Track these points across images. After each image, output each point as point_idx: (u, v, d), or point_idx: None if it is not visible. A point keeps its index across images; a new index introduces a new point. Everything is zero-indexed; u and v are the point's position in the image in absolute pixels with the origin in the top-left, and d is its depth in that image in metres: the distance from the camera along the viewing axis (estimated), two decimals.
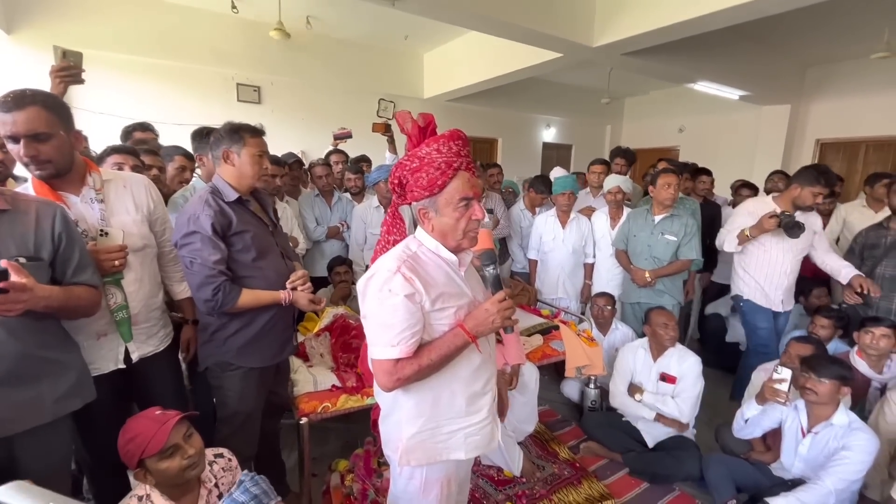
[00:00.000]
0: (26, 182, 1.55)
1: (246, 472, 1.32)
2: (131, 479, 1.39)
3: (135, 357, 1.61)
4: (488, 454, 2.27)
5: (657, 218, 2.90)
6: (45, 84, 3.89)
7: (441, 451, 1.22)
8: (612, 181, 3.24)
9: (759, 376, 2.42)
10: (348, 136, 3.83)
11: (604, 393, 2.78)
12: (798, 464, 2.02)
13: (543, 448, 2.51)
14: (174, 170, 2.38)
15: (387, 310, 1.08)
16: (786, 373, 2.02)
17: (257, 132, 1.67)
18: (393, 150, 3.75)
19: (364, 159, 3.88)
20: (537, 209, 3.64)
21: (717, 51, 4.85)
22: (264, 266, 1.65)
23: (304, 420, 1.92)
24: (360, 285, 1.15)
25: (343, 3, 4.54)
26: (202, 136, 2.22)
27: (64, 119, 1.36)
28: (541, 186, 3.55)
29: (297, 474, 2.12)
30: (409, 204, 1.20)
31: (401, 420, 1.22)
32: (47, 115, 1.30)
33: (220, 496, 1.38)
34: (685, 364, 2.40)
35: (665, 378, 2.43)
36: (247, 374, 1.70)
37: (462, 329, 1.12)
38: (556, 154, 8.66)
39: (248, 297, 1.61)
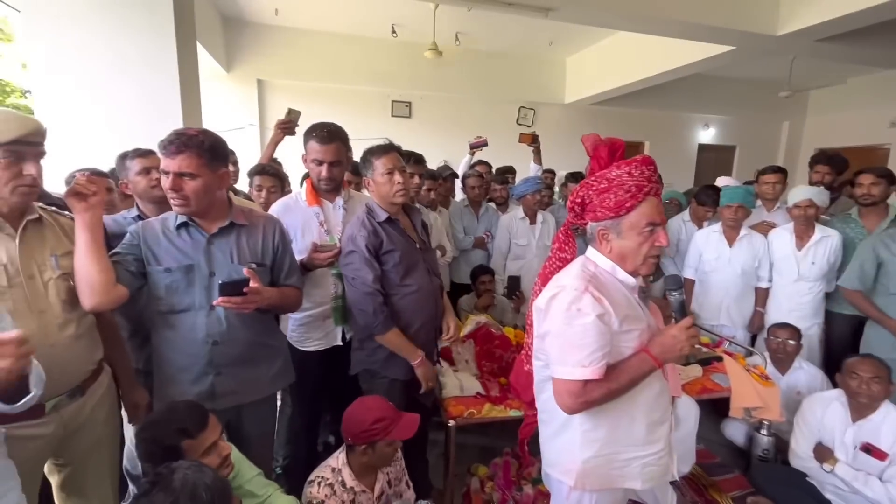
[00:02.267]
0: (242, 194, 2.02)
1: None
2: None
3: (349, 337, 1.93)
4: (639, 491, 2.11)
5: None
6: (249, 108, 4.76)
7: (616, 478, 1.20)
8: (802, 193, 2.73)
9: None
10: (484, 144, 3.89)
11: (779, 442, 2.37)
12: None
13: (700, 494, 2.24)
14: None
15: (577, 330, 1.09)
16: None
17: (383, 150, 1.74)
18: (538, 160, 3.73)
19: (510, 170, 3.93)
20: (705, 223, 3.26)
21: None
22: (411, 283, 1.75)
23: (452, 423, 2.03)
24: (541, 304, 1.18)
25: (491, 17, 4.66)
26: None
27: (349, 150, 1.91)
28: (705, 198, 3.18)
29: (439, 473, 2.24)
30: (586, 223, 1.21)
31: (574, 441, 1.21)
32: (342, 148, 1.84)
33: (389, 483, 1.57)
34: None
35: (870, 450, 1.96)
36: (392, 383, 1.81)
37: (648, 354, 1.10)
38: (715, 157, 7.68)
39: (394, 338, 1.72)
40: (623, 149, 1.22)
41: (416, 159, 2.53)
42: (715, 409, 2.67)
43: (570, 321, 1.09)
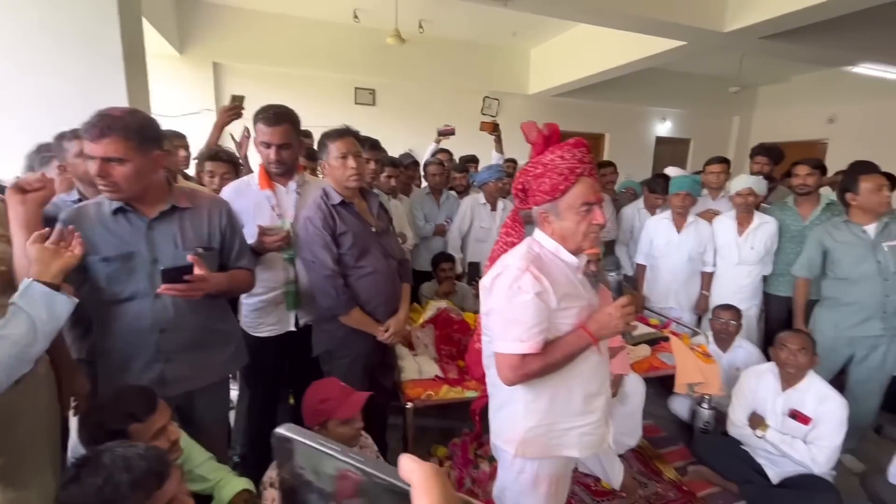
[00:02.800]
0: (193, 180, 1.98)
1: None
2: None
3: (301, 322, 1.93)
4: (586, 462, 2.22)
5: (870, 229, 2.35)
6: (205, 92, 4.55)
7: (555, 446, 1.27)
8: (743, 182, 2.91)
9: None
10: (452, 132, 3.92)
11: (719, 415, 2.54)
12: None
13: (646, 465, 2.38)
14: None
15: (516, 306, 1.14)
16: None
17: (339, 135, 1.76)
18: (500, 149, 3.78)
19: (472, 159, 3.97)
20: (658, 211, 3.41)
21: (885, 25, 4.05)
22: (365, 264, 1.78)
23: (409, 405, 2.07)
24: (486, 282, 1.23)
25: (454, 5, 4.65)
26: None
27: (300, 133, 1.88)
28: (655, 186, 3.32)
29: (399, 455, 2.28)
30: (531, 208, 1.26)
31: (517, 413, 1.28)
32: (292, 130, 1.80)
33: None
34: (826, 405, 2.06)
35: (796, 416, 2.13)
36: (352, 362, 1.85)
37: (585, 331, 1.17)
38: (671, 150, 7.98)
39: (357, 315, 1.77)
40: (558, 134, 1.26)
41: (372, 144, 2.52)
42: (663, 386, 2.82)
43: (511, 299, 1.14)
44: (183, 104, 4.99)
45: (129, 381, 1.39)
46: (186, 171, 2.61)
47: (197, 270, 1.32)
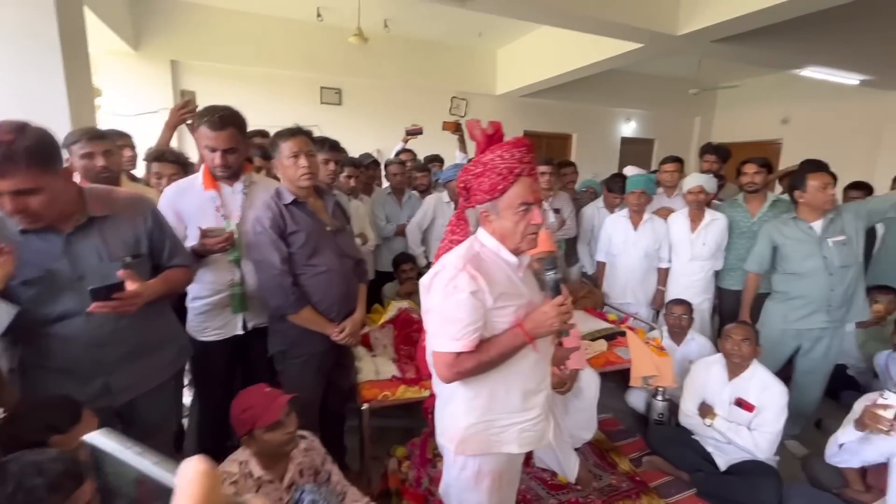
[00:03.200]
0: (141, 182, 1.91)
1: (307, 485, 1.45)
2: None
3: (250, 325, 1.89)
4: (542, 457, 2.25)
5: (816, 225, 2.42)
6: (164, 93, 4.41)
7: (495, 443, 1.28)
8: (694, 180, 3.01)
9: (860, 405, 2.14)
10: (419, 132, 3.95)
11: (672, 406, 2.61)
12: None
13: (602, 457, 2.43)
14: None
15: (451, 305, 1.15)
16: (893, 398, 1.77)
17: (291, 134, 1.73)
18: (463, 148, 3.80)
19: (437, 159, 3.98)
20: (616, 210, 3.48)
21: (830, 30, 4.26)
22: (318, 263, 1.76)
23: (365, 406, 2.05)
24: (426, 280, 1.23)
25: (418, 5, 4.66)
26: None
27: (245, 136, 1.81)
28: (613, 185, 3.39)
29: (359, 456, 2.26)
30: (474, 207, 1.26)
31: (458, 411, 1.28)
32: (237, 134, 1.74)
33: (301, 472, 1.53)
34: (768, 392, 2.15)
35: (741, 404, 2.22)
36: (305, 362, 1.83)
37: (521, 329, 1.17)
38: (636, 150, 8.18)
39: (308, 315, 1.76)
40: (500, 132, 1.26)
41: (332, 145, 2.49)
42: (624, 379, 2.89)
43: (447, 297, 1.15)
44: (139, 103, 4.83)
45: (67, 393, 1.33)
46: (133, 171, 2.52)
47: (129, 285, 1.25)
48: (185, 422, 2.30)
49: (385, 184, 3.57)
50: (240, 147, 1.78)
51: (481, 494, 1.31)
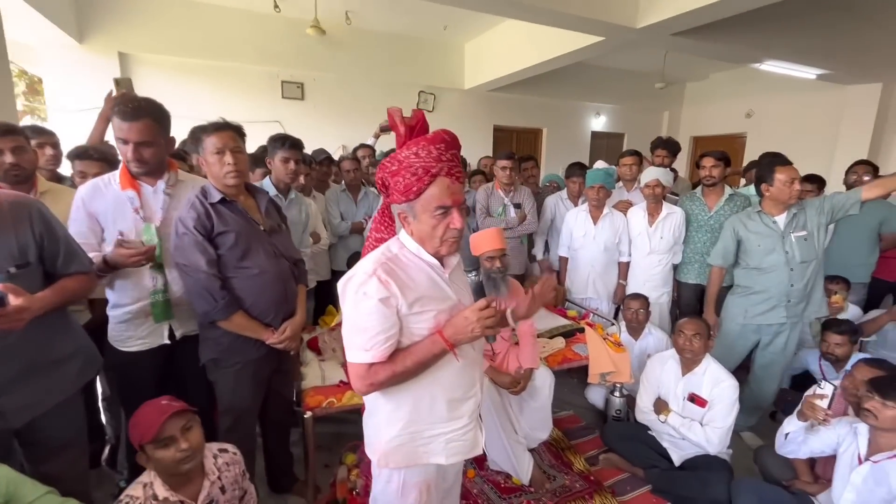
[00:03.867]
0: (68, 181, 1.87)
1: None
2: None
3: (178, 334, 1.77)
4: (496, 458, 2.20)
5: (780, 219, 2.41)
6: (112, 86, 4.14)
7: (421, 454, 1.20)
8: (651, 174, 3.00)
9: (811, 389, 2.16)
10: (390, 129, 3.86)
11: (631, 402, 2.60)
12: (849, 495, 1.76)
13: (558, 457, 2.40)
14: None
15: (361, 313, 1.07)
16: (828, 388, 1.78)
17: (216, 128, 1.63)
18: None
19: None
20: (581, 198, 3.45)
21: (788, 24, 4.30)
22: (250, 264, 1.66)
23: (308, 414, 1.96)
24: (340, 286, 1.13)
25: None
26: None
27: (166, 129, 1.67)
28: (570, 172, 3.41)
29: (305, 464, 2.17)
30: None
31: (380, 422, 1.21)
32: (155, 126, 1.61)
33: (222, 489, 1.42)
34: (719, 387, 2.14)
35: (694, 399, 2.20)
36: (239, 371, 1.73)
37: (440, 336, 1.09)
38: (606, 144, 8.23)
39: (239, 320, 1.66)
40: (421, 123, 1.15)
41: (293, 143, 2.38)
42: (586, 375, 2.86)
43: (357, 305, 1.07)
44: (86, 98, 4.57)
45: None
46: (58, 171, 2.35)
47: (13, 299, 1.11)
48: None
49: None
50: (157, 140, 1.63)
51: None
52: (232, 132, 1.66)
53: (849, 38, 4.78)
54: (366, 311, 1.05)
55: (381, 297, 1.04)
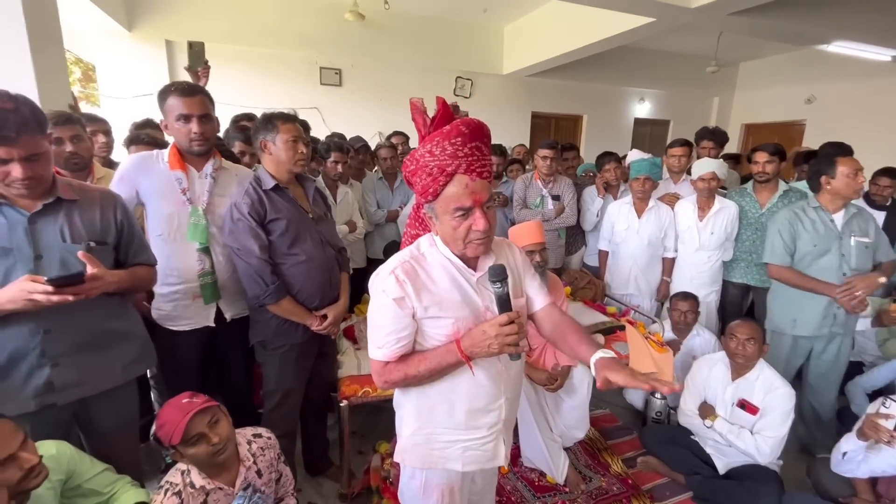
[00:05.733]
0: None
1: (241, 493, 1.35)
2: None
3: (228, 317, 1.83)
4: (530, 456, 2.17)
5: (837, 217, 2.21)
6: (159, 73, 4.28)
7: (437, 458, 1.17)
8: (705, 166, 2.82)
9: (874, 406, 1.99)
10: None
11: (673, 402, 2.49)
12: None
13: (594, 457, 2.33)
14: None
15: (377, 310, 1.05)
16: (894, 408, 1.63)
17: (290, 118, 1.70)
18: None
19: None
20: (620, 190, 3.30)
21: (859, 0, 3.94)
22: (299, 252, 1.70)
23: (344, 402, 1.97)
24: (371, 278, 1.11)
25: None
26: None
27: (214, 109, 1.74)
28: (601, 162, 3.26)
29: (340, 450, 2.20)
30: None
31: (402, 418, 1.21)
32: (209, 102, 1.70)
33: (258, 472, 1.45)
34: (773, 394, 2.01)
35: (744, 406, 2.08)
36: (286, 353, 1.79)
37: (457, 346, 1.02)
38: (650, 131, 7.87)
39: (287, 305, 1.71)
40: (441, 114, 1.04)
41: (301, 125, 2.41)
42: None
43: (376, 300, 1.05)
44: (136, 84, 4.74)
45: (11, 389, 1.27)
46: (112, 157, 2.43)
47: (90, 269, 1.20)
48: None
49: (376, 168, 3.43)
50: (213, 116, 1.71)
51: None
52: (300, 124, 1.77)
53: None
54: (381, 309, 1.04)
55: (395, 297, 1.01)
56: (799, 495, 1.89)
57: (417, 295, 1.02)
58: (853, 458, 1.76)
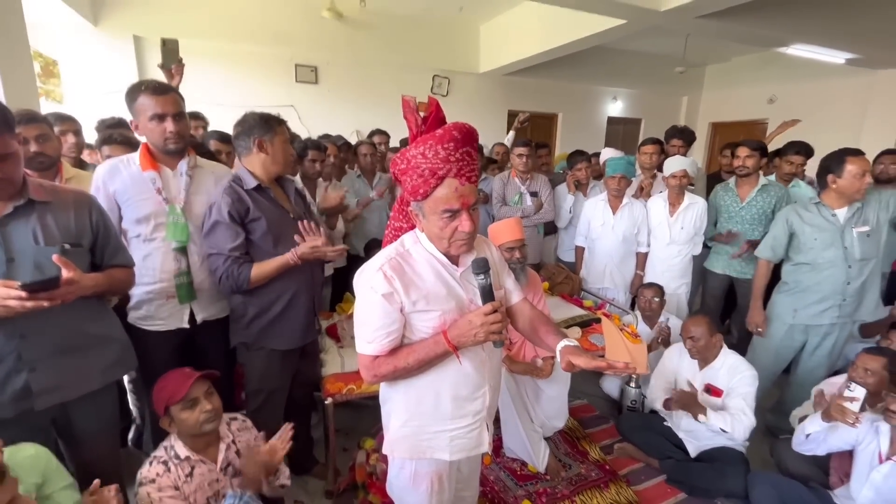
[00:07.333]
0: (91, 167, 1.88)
1: (232, 493, 1.39)
2: None
3: (199, 318, 1.80)
4: (512, 446, 2.23)
5: (840, 213, 2.25)
6: (128, 69, 4.13)
7: (425, 448, 1.22)
8: (677, 164, 2.93)
9: (819, 389, 2.12)
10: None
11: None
12: (868, 493, 1.76)
13: (573, 446, 2.42)
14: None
15: (365, 306, 1.09)
16: (859, 391, 1.75)
17: (282, 120, 1.75)
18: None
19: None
20: (589, 188, 3.40)
21: (817, 7, 4.15)
22: (283, 251, 1.70)
23: (328, 400, 1.99)
24: (355, 276, 1.14)
25: None
26: None
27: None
28: (573, 161, 3.39)
29: (325, 448, 2.22)
30: None
31: (390, 411, 1.24)
32: (181, 101, 1.69)
33: (237, 452, 1.52)
34: (737, 377, 2.13)
35: (710, 390, 2.20)
36: (269, 354, 1.79)
37: (444, 337, 1.08)
38: (622, 129, 8.08)
39: (258, 270, 1.67)
40: (434, 114, 1.09)
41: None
42: None
43: (363, 297, 1.09)
44: (103, 81, 4.57)
45: None
46: (84, 158, 2.36)
47: (65, 272, 1.18)
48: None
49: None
50: (185, 114, 1.70)
51: (420, 496, 1.27)
52: None
53: (879, 20, 4.58)
54: (369, 305, 1.08)
55: (384, 293, 1.05)
56: (763, 474, 2.01)
57: (405, 290, 1.06)
58: (816, 438, 1.87)
